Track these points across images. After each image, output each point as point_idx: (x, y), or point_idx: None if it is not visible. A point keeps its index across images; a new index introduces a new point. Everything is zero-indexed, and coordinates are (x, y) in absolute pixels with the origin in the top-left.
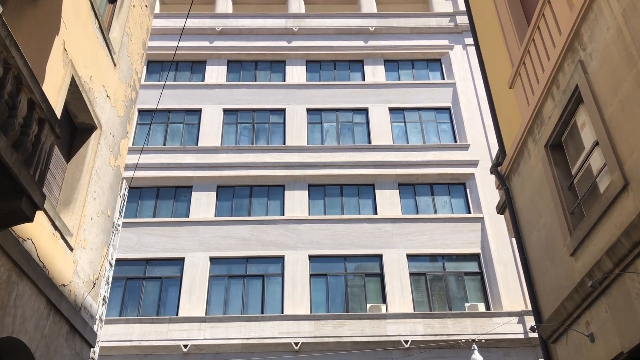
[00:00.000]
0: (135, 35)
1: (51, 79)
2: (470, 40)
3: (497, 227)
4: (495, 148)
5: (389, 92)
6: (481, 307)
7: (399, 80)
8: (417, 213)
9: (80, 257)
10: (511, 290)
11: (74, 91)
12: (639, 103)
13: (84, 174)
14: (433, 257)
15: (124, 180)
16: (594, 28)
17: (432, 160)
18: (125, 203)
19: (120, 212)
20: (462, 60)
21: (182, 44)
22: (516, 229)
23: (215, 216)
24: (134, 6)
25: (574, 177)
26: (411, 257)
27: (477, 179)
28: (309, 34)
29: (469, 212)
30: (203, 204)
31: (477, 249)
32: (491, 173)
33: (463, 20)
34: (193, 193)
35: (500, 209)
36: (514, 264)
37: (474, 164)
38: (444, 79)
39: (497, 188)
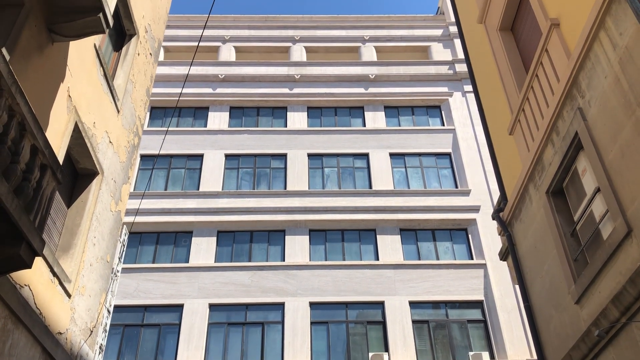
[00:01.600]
0: (139, 82)
1: (55, 125)
2: (469, 87)
3: (500, 273)
4: (496, 193)
5: (389, 138)
6: (485, 356)
7: (399, 126)
8: (419, 259)
9: (78, 304)
10: (515, 339)
11: (77, 137)
12: (639, 150)
13: (85, 220)
14: (436, 305)
15: (124, 225)
16: (591, 76)
17: (434, 205)
18: (125, 249)
19: (119, 258)
20: (461, 107)
21: (185, 90)
22: (519, 276)
23: (215, 262)
24: (138, 54)
25: (577, 223)
26: (414, 305)
27: (478, 225)
28: (311, 81)
29: (472, 259)
30: (203, 249)
31: (480, 296)
32: (493, 219)
33: (462, 68)
34: (193, 238)
35: (503, 256)
36: (518, 312)
37: (476, 209)
38: (443, 125)
39: (499, 234)
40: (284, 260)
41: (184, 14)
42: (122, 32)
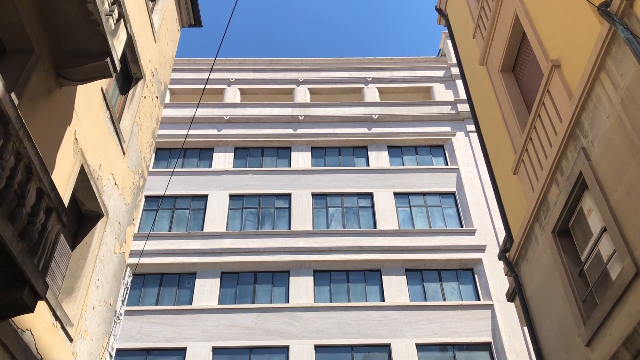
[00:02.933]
0: (145, 124)
1: (61, 168)
2: (472, 127)
3: (508, 314)
4: (502, 233)
5: (393, 177)
6: None
7: (403, 165)
8: (426, 300)
9: (80, 348)
10: None
11: (83, 179)
12: None
13: (88, 262)
14: (443, 347)
15: (128, 267)
16: (594, 116)
17: (439, 245)
18: (128, 291)
19: (122, 301)
20: (465, 147)
21: (190, 131)
22: (527, 318)
23: (218, 304)
24: (144, 97)
25: (584, 263)
26: (420, 347)
27: (485, 265)
28: (314, 121)
29: (479, 299)
30: (207, 291)
31: (488, 338)
32: (499, 259)
33: (464, 108)
34: (197, 280)
35: (511, 297)
36: (527, 354)
37: (481, 249)
38: (447, 164)
39: (506, 275)
40: (288, 302)
41: (189, 57)
42: (128, 76)
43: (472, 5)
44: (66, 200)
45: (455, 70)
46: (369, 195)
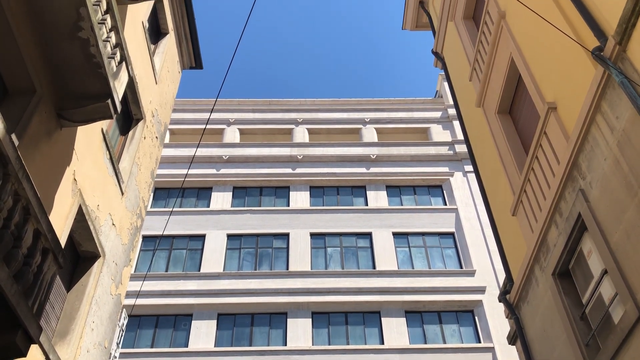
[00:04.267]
0: (144, 165)
1: (59, 208)
2: (470, 168)
3: (510, 357)
4: (501, 273)
5: (392, 217)
6: None
7: (402, 205)
8: (426, 343)
9: None
10: None
11: (81, 220)
12: None
13: (84, 304)
14: None
15: (124, 309)
16: (591, 158)
17: (439, 286)
18: (123, 333)
19: (118, 344)
20: (463, 187)
21: (189, 171)
22: None
23: (215, 346)
24: (144, 138)
25: (585, 306)
26: None
27: (485, 306)
28: (313, 161)
29: (479, 342)
30: (203, 333)
31: None
32: (500, 301)
33: (462, 148)
34: (193, 321)
35: (512, 340)
36: None
37: (481, 290)
38: (446, 204)
39: (506, 317)
40: (286, 345)
41: (186, 96)
42: (129, 116)
43: (468, 48)
44: (63, 241)
45: (452, 111)
46: (368, 235)
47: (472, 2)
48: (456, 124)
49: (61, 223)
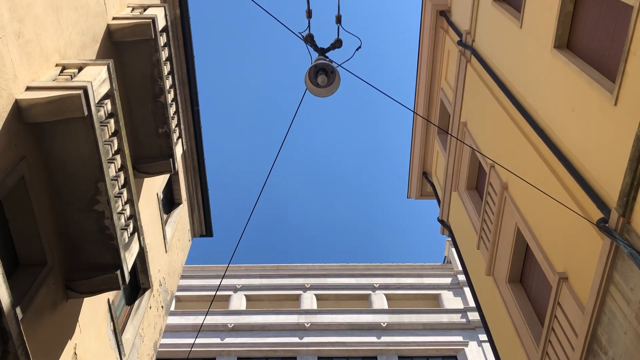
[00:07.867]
0: (148, 336)
1: None
2: (484, 337)
3: None
4: None
5: None
6: None
7: None
8: None
9: None
10: None
11: None
12: None
13: None
14: None
15: None
16: (610, 331)
17: None
18: None
19: None
20: (478, 357)
21: (192, 341)
22: None
23: None
24: (150, 307)
25: None
26: None
27: None
28: (321, 329)
29: None
30: None
31: None
32: None
33: (475, 316)
34: None
35: None
36: None
37: None
38: None
39: None
40: None
41: (190, 261)
42: (136, 286)
43: (473, 218)
44: None
45: (462, 277)
46: None
47: (474, 174)
48: (467, 290)
49: None
